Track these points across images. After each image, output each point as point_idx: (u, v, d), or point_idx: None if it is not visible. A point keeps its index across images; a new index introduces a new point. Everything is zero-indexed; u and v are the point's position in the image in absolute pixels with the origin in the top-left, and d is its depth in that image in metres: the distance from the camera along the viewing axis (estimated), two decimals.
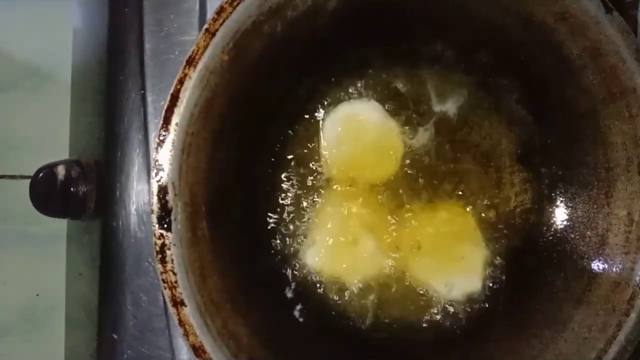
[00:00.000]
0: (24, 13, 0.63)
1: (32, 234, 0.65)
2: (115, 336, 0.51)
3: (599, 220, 0.46)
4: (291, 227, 0.49)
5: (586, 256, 0.46)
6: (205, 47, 0.37)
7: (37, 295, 0.65)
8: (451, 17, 0.46)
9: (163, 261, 0.37)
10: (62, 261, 0.61)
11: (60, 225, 0.60)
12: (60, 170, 0.51)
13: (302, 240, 0.49)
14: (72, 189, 0.51)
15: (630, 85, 0.42)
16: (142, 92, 0.50)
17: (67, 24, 0.57)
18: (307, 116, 0.49)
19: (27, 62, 0.64)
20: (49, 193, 0.50)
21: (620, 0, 0.48)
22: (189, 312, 0.37)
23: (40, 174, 0.50)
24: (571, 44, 0.44)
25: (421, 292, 0.49)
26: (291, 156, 0.49)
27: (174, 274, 0.37)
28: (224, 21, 0.37)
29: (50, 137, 0.62)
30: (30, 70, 0.64)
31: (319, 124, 0.49)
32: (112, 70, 0.52)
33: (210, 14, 0.49)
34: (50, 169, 0.51)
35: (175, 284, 0.37)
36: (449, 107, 0.50)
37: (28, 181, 0.52)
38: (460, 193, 0.50)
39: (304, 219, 0.48)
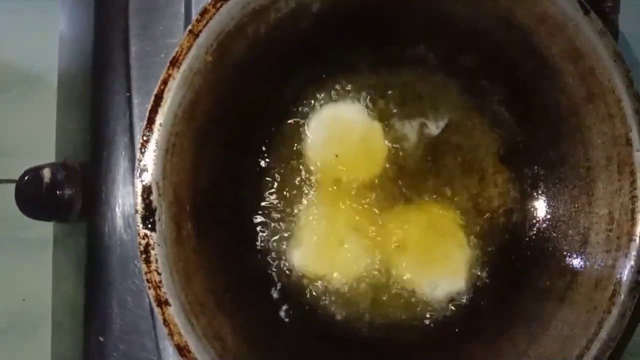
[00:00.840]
0: (10, 19, 0.63)
1: (18, 238, 0.65)
2: (101, 339, 0.51)
3: (581, 219, 0.47)
4: (277, 227, 0.49)
5: (568, 255, 0.46)
6: (189, 48, 0.37)
7: (24, 300, 0.65)
8: (434, 20, 0.46)
9: (147, 261, 0.37)
10: (49, 266, 0.61)
11: (46, 229, 0.60)
12: (46, 173, 0.51)
13: (288, 241, 0.49)
14: (58, 191, 0.51)
15: (609, 86, 0.43)
16: (128, 94, 0.50)
17: (54, 29, 0.57)
18: (292, 117, 0.50)
19: (13, 67, 0.64)
20: (34, 196, 0.50)
21: (599, 5, 0.49)
22: (173, 311, 0.37)
23: (26, 177, 0.50)
24: (551, 45, 0.45)
25: (406, 292, 0.49)
26: (277, 157, 0.49)
27: (158, 273, 0.37)
28: (207, 22, 0.37)
29: (37, 141, 0.62)
30: (17, 76, 0.64)
31: (305, 125, 0.50)
32: (98, 73, 0.52)
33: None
34: (36, 172, 0.50)
35: (159, 284, 0.37)
36: (433, 109, 0.51)
37: (14, 185, 0.52)
38: (444, 193, 0.50)
39: (290, 220, 0.49)
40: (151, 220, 0.37)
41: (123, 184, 0.51)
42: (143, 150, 0.37)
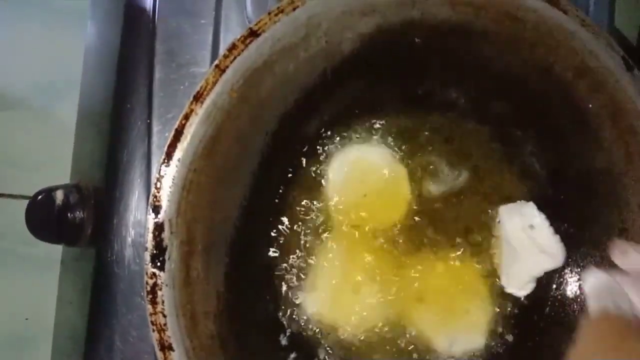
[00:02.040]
0: (38, 33, 0.63)
1: (27, 255, 0.64)
2: None
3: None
4: (291, 270, 0.47)
5: None
6: (214, 84, 0.36)
7: (27, 319, 0.64)
8: (468, 65, 0.45)
9: (153, 302, 0.35)
10: (55, 287, 0.59)
11: (56, 249, 0.59)
12: (59, 195, 0.49)
13: (302, 285, 0.47)
14: (69, 214, 0.50)
15: None
16: (148, 121, 0.49)
17: (80, 46, 0.57)
18: (314, 156, 0.48)
19: (36, 82, 0.64)
20: (45, 218, 0.49)
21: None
22: (176, 357, 0.35)
23: (38, 198, 0.49)
24: (589, 99, 0.43)
25: (422, 346, 0.47)
26: (295, 196, 0.47)
27: (164, 316, 0.35)
28: (235, 58, 0.36)
29: (54, 158, 0.62)
30: (38, 89, 0.64)
31: (326, 165, 0.48)
32: (120, 96, 0.51)
33: (223, 47, 0.50)
34: (48, 193, 0.49)
35: (164, 327, 0.35)
36: (461, 155, 0.49)
37: (26, 201, 0.51)
38: (468, 245, 0.48)
39: (305, 263, 0.47)
40: (161, 259, 0.35)
41: (136, 212, 0.49)
42: (158, 186, 0.35)
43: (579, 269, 0.47)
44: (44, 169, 0.63)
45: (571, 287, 0.48)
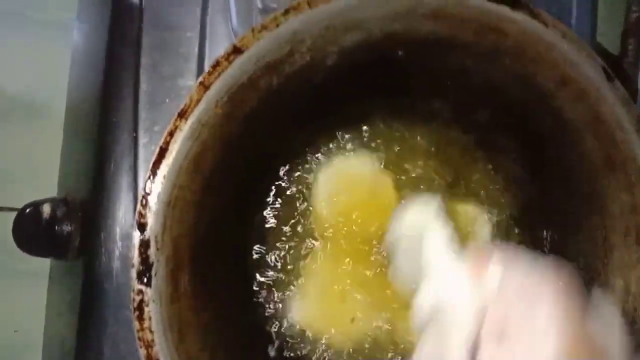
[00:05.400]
0: (21, 46, 0.63)
1: (15, 268, 0.64)
2: None
3: (595, 289, 0.45)
4: (278, 281, 0.47)
5: None
6: (199, 101, 0.36)
7: (15, 331, 0.64)
8: (451, 76, 0.45)
9: (140, 318, 0.35)
10: (44, 299, 0.59)
11: (44, 262, 0.59)
12: (46, 209, 0.49)
13: (289, 297, 0.47)
14: (56, 227, 0.50)
15: (630, 155, 0.42)
16: (135, 134, 0.49)
17: (66, 59, 0.57)
18: (301, 168, 0.48)
19: (20, 93, 0.63)
20: (32, 232, 0.49)
21: (619, 60, 0.48)
22: None
23: (25, 212, 0.49)
24: (571, 109, 0.44)
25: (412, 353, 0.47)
26: (282, 208, 0.48)
27: (151, 332, 0.35)
28: (219, 75, 0.36)
29: (40, 170, 0.61)
30: (23, 102, 0.63)
31: (313, 176, 0.48)
32: (105, 109, 0.51)
33: (208, 60, 0.50)
34: (35, 207, 0.49)
35: (151, 343, 0.35)
36: (445, 164, 0.49)
37: (14, 213, 0.50)
38: None
39: (292, 274, 0.47)
40: (147, 275, 0.35)
41: (123, 224, 0.49)
42: (144, 203, 0.35)
43: None
44: (31, 182, 0.62)
45: None
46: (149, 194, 0.36)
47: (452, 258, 0.36)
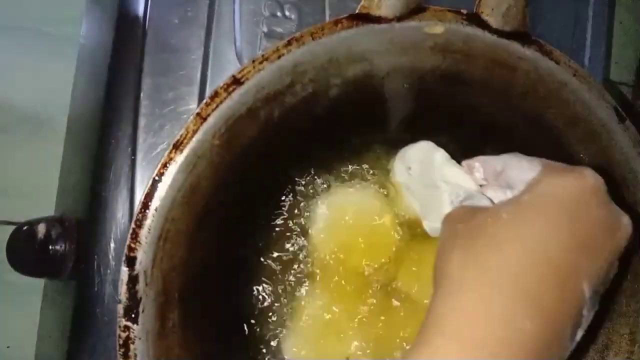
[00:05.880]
0: (26, 62, 0.63)
1: (10, 282, 0.63)
2: None
3: (600, 336, 0.43)
4: (271, 315, 0.46)
5: None
6: (195, 132, 0.35)
7: (8, 347, 0.63)
8: (457, 111, 0.44)
9: (125, 356, 0.34)
10: (37, 316, 0.58)
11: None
12: (41, 229, 0.49)
13: (282, 332, 0.45)
14: (50, 248, 0.49)
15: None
16: (133, 157, 0.48)
17: (69, 76, 0.57)
18: (299, 200, 0.47)
19: (27, 108, 0.63)
20: (26, 252, 0.48)
21: (632, 109, 0.47)
22: None
23: (20, 231, 0.48)
24: (581, 149, 0.42)
25: None
26: (278, 240, 0.46)
27: None
28: (217, 106, 0.35)
29: (39, 184, 0.61)
30: (29, 117, 0.63)
31: (311, 209, 0.47)
32: (105, 131, 0.50)
33: (210, 84, 0.49)
34: (30, 226, 0.48)
35: None
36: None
37: (11, 227, 0.50)
38: None
39: (286, 309, 0.46)
40: (135, 311, 0.34)
41: (117, 248, 0.49)
42: (134, 236, 0.34)
43: None
44: (30, 196, 0.62)
45: None
46: (140, 227, 0.34)
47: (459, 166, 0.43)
